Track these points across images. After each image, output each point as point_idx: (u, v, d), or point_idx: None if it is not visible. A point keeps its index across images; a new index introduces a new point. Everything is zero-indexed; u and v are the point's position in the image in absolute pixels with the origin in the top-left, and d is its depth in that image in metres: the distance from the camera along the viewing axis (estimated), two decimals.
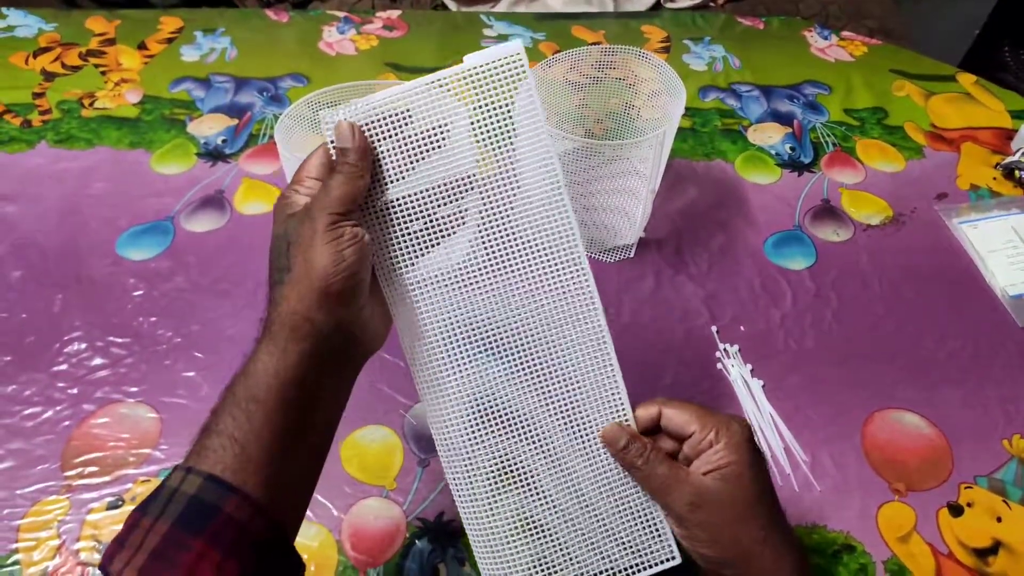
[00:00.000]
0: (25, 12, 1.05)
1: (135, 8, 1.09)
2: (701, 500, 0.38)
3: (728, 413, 0.40)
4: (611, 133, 0.81)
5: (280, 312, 0.37)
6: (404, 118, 0.38)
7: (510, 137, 0.39)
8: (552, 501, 0.41)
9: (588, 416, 0.40)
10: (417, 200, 0.39)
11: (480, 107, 0.38)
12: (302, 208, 0.38)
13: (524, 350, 0.41)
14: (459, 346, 0.41)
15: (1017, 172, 0.88)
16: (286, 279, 0.37)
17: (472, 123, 0.39)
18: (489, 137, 0.39)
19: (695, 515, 0.38)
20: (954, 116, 0.97)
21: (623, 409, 0.40)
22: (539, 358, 0.41)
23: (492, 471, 0.41)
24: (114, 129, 0.88)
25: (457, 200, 0.40)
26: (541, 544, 0.41)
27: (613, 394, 0.40)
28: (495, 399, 0.41)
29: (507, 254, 0.40)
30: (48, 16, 1.05)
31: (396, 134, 0.38)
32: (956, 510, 0.59)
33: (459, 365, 0.41)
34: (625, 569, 0.40)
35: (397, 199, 0.39)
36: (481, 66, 0.38)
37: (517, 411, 0.41)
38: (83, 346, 0.66)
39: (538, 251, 0.39)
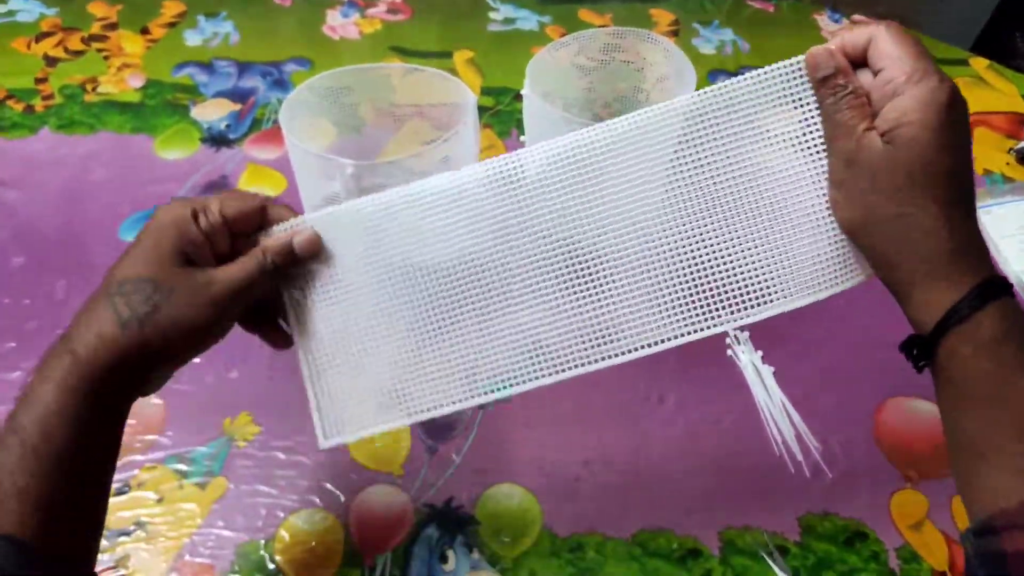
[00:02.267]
0: None
1: None
2: (856, 158, 0.33)
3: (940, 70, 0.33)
4: None
5: (95, 354, 0.36)
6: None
7: None
8: None
9: None
10: None
11: None
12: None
13: None
14: None
15: None
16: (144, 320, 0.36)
17: None
18: None
19: (845, 171, 0.34)
20: (966, 100, 0.96)
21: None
22: None
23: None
24: (117, 114, 0.87)
25: None
26: None
27: None
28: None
29: None
30: (49, 0, 1.04)
31: None
32: None
33: None
34: None
35: None
36: None
37: None
38: None
39: None
